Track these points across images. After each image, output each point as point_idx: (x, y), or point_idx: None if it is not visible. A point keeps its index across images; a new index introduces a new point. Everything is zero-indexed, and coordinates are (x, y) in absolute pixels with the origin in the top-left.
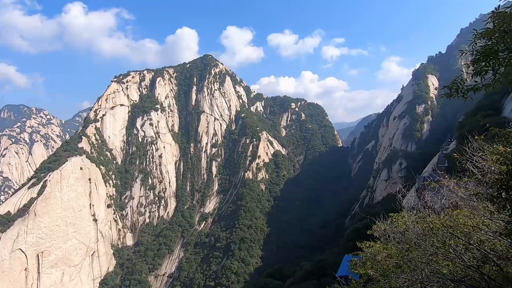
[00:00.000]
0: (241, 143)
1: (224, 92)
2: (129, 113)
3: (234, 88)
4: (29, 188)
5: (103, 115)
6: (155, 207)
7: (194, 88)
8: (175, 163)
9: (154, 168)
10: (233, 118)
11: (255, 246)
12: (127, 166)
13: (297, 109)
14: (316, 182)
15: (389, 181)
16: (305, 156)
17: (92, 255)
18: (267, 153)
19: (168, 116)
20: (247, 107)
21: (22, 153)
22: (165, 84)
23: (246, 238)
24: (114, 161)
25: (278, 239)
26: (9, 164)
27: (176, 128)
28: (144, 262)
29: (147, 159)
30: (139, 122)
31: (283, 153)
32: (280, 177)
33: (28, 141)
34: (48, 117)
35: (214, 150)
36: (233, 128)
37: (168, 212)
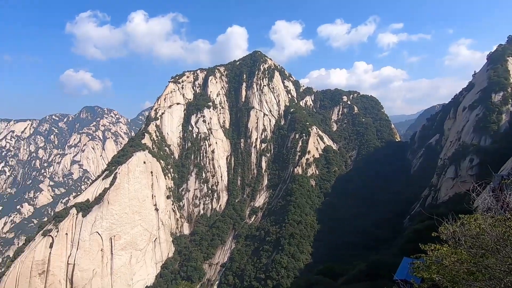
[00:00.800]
0: (290, 138)
1: (273, 88)
2: (185, 111)
3: (283, 83)
4: (103, 179)
5: (162, 113)
6: (208, 200)
7: (244, 84)
8: (227, 158)
9: (207, 163)
10: (282, 113)
11: (305, 242)
12: (183, 160)
13: (349, 102)
14: (370, 179)
15: (457, 180)
16: (358, 151)
17: (154, 241)
18: (317, 148)
19: (220, 113)
20: (296, 101)
21: (97, 149)
22: (216, 82)
23: (296, 233)
24: (172, 156)
25: (329, 237)
26: (87, 158)
27: (227, 124)
28: (199, 251)
29: (201, 154)
30: (193, 119)
31: (334, 148)
32: (331, 173)
33: (101, 138)
34: (117, 116)
35: (263, 145)
36: (282, 123)
37: (220, 205)
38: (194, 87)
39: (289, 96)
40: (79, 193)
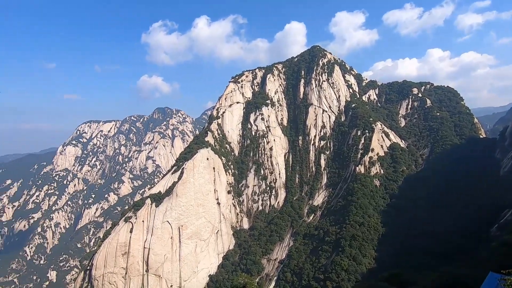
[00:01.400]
0: (352, 135)
1: (333, 83)
2: (244, 109)
3: (344, 77)
4: (172, 174)
5: (223, 112)
6: (266, 196)
7: (302, 81)
8: (285, 155)
9: (266, 160)
10: (343, 109)
11: (367, 245)
12: (242, 157)
13: (420, 95)
14: (445, 179)
15: None
16: (431, 149)
17: (217, 233)
18: (382, 146)
19: (278, 111)
20: (358, 96)
21: (167, 146)
22: (274, 80)
23: (358, 235)
24: (232, 153)
25: (395, 241)
26: (159, 154)
27: (285, 122)
28: (258, 246)
29: (259, 151)
30: (252, 117)
31: (402, 145)
32: (398, 173)
33: (171, 136)
34: (184, 116)
35: (322, 142)
36: (342, 120)
37: (278, 202)
38: (253, 86)
39: (350, 91)
40: (152, 186)
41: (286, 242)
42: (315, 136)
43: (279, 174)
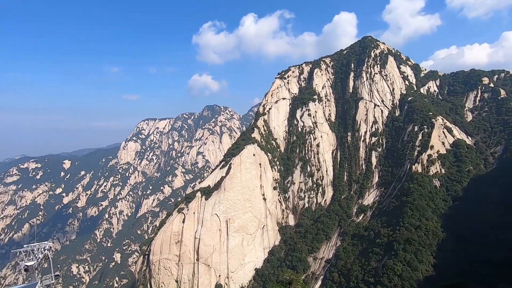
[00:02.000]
0: (407, 131)
1: (386, 75)
2: (290, 105)
3: (399, 68)
4: (220, 169)
5: (269, 108)
6: (313, 194)
7: (352, 74)
8: (332, 152)
9: (312, 157)
10: (397, 103)
11: (424, 250)
12: (288, 154)
13: (491, 85)
14: None
15: None
16: (505, 146)
17: (262, 228)
18: (443, 143)
19: (325, 106)
20: (415, 88)
21: (216, 142)
22: (321, 74)
23: (413, 239)
24: (278, 149)
25: (458, 248)
26: (209, 150)
27: (332, 117)
28: (304, 243)
29: (306, 148)
30: (298, 113)
31: (468, 142)
32: (463, 173)
33: (219, 132)
34: (231, 113)
35: (373, 139)
36: (396, 115)
37: (325, 200)
38: (299, 81)
39: (406, 83)
40: (202, 180)
41: (333, 241)
42: (365, 132)
43: (326, 171)
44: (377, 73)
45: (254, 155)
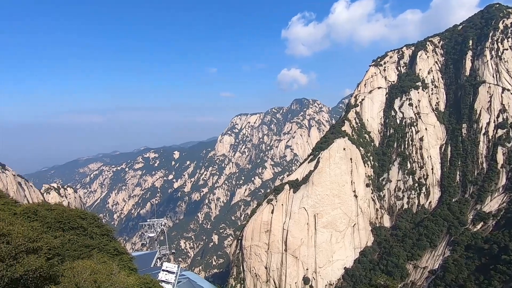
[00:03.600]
0: None
1: None
2: (387, 95)
3: None
4: (308, 162)
5: (362, 99)
6: (414, 194)
7: (469, 54)
8: (440, 147)
9: (414, 152)
10: None
11: None
12: (384, 148)
13: None
14: None
15: None
16: None
17: (353, 226)
18: None
19: (432, 94)
20: None
21: (304, 135)
22: (427, 57)
23: None
24: (372, 143)
25: None
26: (297, 143)
27: (441, 107)
28: (402, 248)
29: (406, 142)
30: (397, 103)
31: None
32: None
33: (307, 126)
34: (320, 106)
35: (500, 132)
36: None
37: (430, 202)
38: (399, 67)
39: None
40: (290, 173)
41: (439, 250)
42: (488, 124)
43: (432, 169)
44: (507, 49)
45: (344, 149)
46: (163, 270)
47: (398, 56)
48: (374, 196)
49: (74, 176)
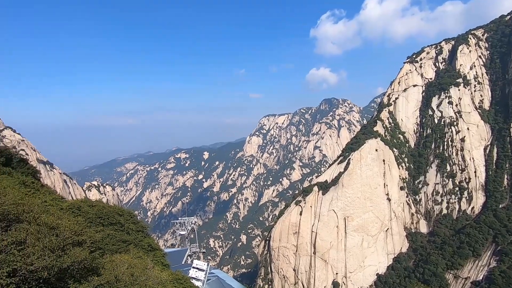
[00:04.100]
0: None
1: None
2: (423, 93)
3: None
4: (338, 164)
5: (396, 98)
6: (454, 198)
7: None
8: (485, 149)
9: (454, 154)
10: None
11: None
12: (420, 149)
13: None
14: None
15: None
16: None
17: (386, 231)
18: None
19: (474, 91)
20: None
21: (333, 136)
22: (469, 51)
23: None
24: (407, 144)
25: None
26: (326, 144)
27: (485, 105)
28: (441, 256)
29: (445, 143)
30: (434, 101)
31: None
32: None
33: (337, 126)
34: (350, 105)
35: None
36: None
37: (472, 208)
38: (437, 63)
39: None
40: (319, 174)
41: (484, 260)
42: None
43: (475, 172)
44: None
45: (376, 150)
46: (193, 267)
47: (436, 52)
48: (409, 200)
49: (112, 175)
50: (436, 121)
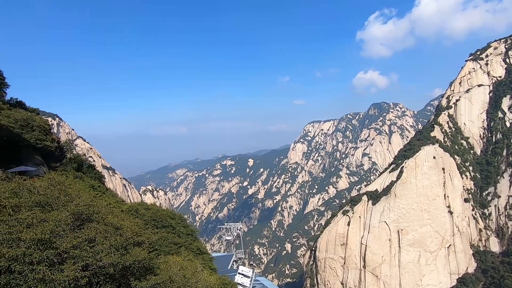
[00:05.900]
0: None
1: None
2: (490, 94)
3: None
4: (389, 172)
5: (457, 100)
6: None
7: None
8: None
9: None
10: None
11: None
12: (489, 157)
13: None
14: None
15: None
16: None
17: (448, 247)
18: None
19: None
20: None
21: (384, 143)
22: None
23: None
24: (472, 151)
25: None
26: (375, 151)
27: None
28: None
29: None
30: (505, 102)
31: None
32: None
33: (387, 132)
34: (403, 109)
35: None
36: None
37: None
38: (507, 60)
39: None
40: (369, 183)
41: None
42: None
43: None
44: None
45: (434, 157)
46: (239, 273)
47: (506, 46)
48: (476, 214)
49: (165, 180)
50: (508, 124)
